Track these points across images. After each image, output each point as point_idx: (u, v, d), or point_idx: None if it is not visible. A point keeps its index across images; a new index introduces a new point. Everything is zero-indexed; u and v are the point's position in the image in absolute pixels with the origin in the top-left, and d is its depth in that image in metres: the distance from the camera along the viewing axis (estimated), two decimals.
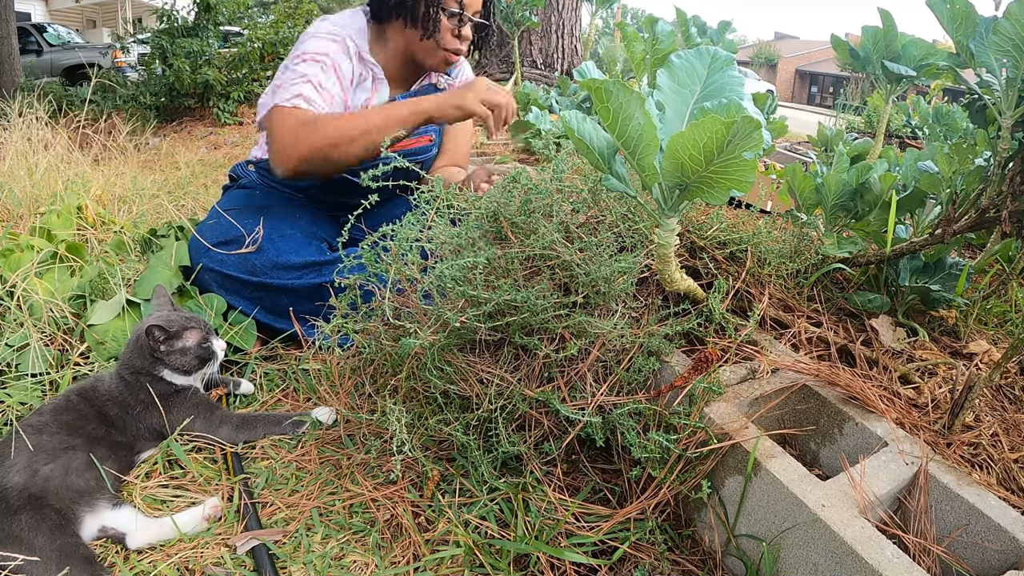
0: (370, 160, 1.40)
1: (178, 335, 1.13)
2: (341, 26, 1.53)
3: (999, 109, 1.15)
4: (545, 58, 5.23)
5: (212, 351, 1.16)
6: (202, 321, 1.18)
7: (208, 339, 1.16)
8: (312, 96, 1.40)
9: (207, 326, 1.18)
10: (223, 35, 6.56)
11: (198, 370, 1.16)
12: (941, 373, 1.17)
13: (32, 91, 4.21)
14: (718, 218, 1.38)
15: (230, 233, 1.46)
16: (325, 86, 1.43)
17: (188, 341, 1.13)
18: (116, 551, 0.95)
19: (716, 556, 0.97)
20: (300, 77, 1.42)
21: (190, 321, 1.16)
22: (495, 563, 0.94)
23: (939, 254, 1.33)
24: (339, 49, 1.48)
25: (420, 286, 1.06)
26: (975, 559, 0.87)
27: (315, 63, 1.44)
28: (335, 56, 1.46)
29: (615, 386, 1.05)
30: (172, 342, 1.12)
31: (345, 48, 1.49)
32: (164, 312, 1.17)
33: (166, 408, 1.12)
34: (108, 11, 17.99)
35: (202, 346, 1.14)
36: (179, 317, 1.15)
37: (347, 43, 1.50)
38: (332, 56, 1.46)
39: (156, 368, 1.13)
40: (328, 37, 1.48)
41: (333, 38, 1.48)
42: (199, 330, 1.15)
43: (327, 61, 1.45)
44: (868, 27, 2.05)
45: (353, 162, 1.40)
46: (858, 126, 5.54)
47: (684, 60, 0.98)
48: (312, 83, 1.41)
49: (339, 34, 1.50)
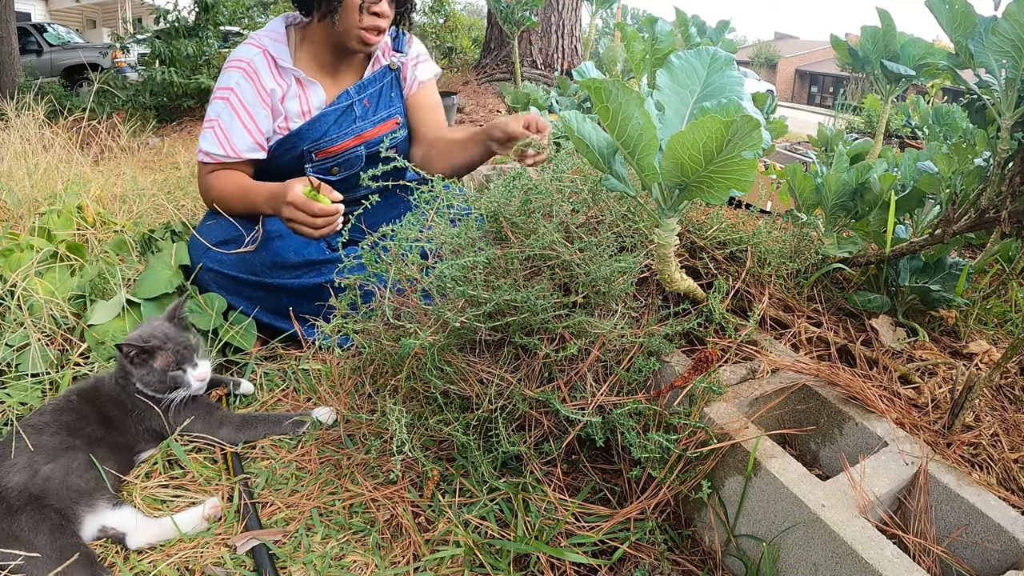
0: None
1: (151, 354, 1.09)
2: (258, 39, 1.53)
3: (998, 109, 1.15)
4: (545, 58, 5.23)
5: (181, 380, 1.11)
6: (186, 345, 1.12)
7: (182, 367, 1.11)
8: (211, 149, 1.49)
9: (190, 350, 1.12)
10: (223, 35, 6.56)
11: (165, 393, 1.11)
12: (941, 373, 1.17)
13: (32, 91, 4.20)
14: (718, 218, 1.38)
15: (230, 233, 1.46)
16: (228, 130, 1.49)
17: (156, 363, 1.09)
18: (116, 551, 0.95)
19: (716, 556, 0.97)
20: (208, 122, 1.50)
21: (169, 342, 1.11)
22: (495, 563, 0.94)
23: (939, 254, 1.33)
24: (244, 75, 1.49)
25: (420, 286, 1.06)
26: (975, 559, 0.87)
27: (221, 100, 1.49)
28: (240, 87, 1.48)
29: (615, 386, 1.05)
30: (144, 360, 1.09)
31: (252, 70, 1.49)
32: (151, 327, 1.13)
33: (163, 410, 1.11)
34: (108, 11, 17.99)
35: (168, 372, 1.10)
36: (161, 335, 1.11)
37: (257, 62, 1.49)
38: (236, 89, 1.48)
39: (133, 381, 1.10)
40: (234, 65, 1.50)
41: (239, 64, 1.49)
42: (169, 354, 1.10)
43: (232, 97, 1.48)
44: (868, 27, 2.05)
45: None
46: (858, 126, 5.55)
47: (684, 60, 0.98)
48: (215, 131, 1.49)
49: (245, 57, 1.50)
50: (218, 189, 1.50)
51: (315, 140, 1.56)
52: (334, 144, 1.59)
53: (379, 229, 1.11)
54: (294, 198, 1.29)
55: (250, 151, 1.51)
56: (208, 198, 1.54)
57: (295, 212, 1.29)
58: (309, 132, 1.55)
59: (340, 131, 1.59)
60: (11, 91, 5.35)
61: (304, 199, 1.28)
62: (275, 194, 1.37)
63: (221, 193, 1.50)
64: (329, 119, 1.57)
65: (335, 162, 1.61)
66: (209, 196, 1.53)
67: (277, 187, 1.37)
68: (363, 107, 1.62)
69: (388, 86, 1.66)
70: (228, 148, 1.48)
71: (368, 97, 1.63)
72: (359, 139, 1.61)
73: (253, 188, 1.46)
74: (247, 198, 1.46)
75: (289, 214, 1.30)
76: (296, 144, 1.56)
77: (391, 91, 1.68)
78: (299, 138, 1.55)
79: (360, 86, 1.61)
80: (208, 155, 1.49)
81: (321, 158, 1.59)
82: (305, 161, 1.58)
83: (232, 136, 1.49)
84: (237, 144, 1.49)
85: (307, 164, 1.59)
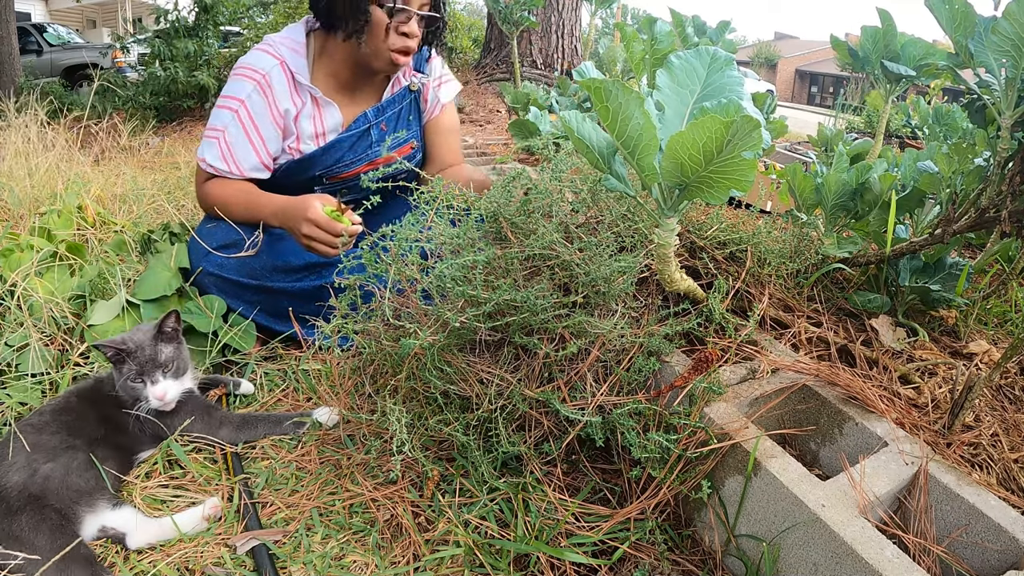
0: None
1: (120, 359, 1.07)
2: (277, 49, 1.44)
3: (998, 109, 1.15)
4: (545, 58, 5.23)
5: (139, 392, 1.07)
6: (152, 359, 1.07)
7: (142, 378, 1.06)
8: (215, 163, 1.44)
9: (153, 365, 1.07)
10: (223, 35, 6.55)
11: (133, 402, 1.07)
12: (941, 373, 1.17)
13: (35, 92, 4.20)
14: (718, 218, 1.38)
15: (230, 237, 1.46)
16: (233, 146, 1.43)
17: (123, 369, 1.07)
18: (116, 551, 0.95)
19: (716, 556, 0.97)
20: (213, 130, 1.44)
21: (137, 352, 1.07)
22: (495, 563, 0.94)
23: (939, 254, 1.33)
24: (258, 89, 1.42)
25: (420, 286, 1.06)
26: (975, 559, 0.87)
27: (229, 112, 1.42)
28: (251, 101, 1.42)
29: (615, 386, 1.05)
30: (118, 364, 1.07)
31: (267, 86, 1.42)
32: (131, 333, 1.11)
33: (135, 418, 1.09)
34: (108, 11, 17.98)
35: (129, 381, 1.07)
36: (133, 344, 1.07)
37: (273, 76, 1.43)
38: (247, 102, 1.41)
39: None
40: (248, 76, 1.42)
41: (252, 75, 1.42)
42: (132, 364, 1.06)
43: (241, 111, 1.42)
44: (868, 27, 2.05)
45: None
46: (858, 126, 5.54)
47: (683, 60, 0.98)
48: (220, 144, 1.43)
49: (261, 69, 1.42)
50: (217, 194, 1.46)
51: (329, 166, 1.53)
52: (348, 170, 1.55)
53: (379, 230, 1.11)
54: (316, 217, 1.26)
55: (254, 171, 1.47)
56: (206, 203, 1.49)
57: (316, 231, 1.27)
58: (323, 158, 1.51)
59: (355, 156, 1.54)
60: (11, 91, 5.35)
61: (328, 219, 1.26)
62: (288, 209, 1.33)
63: (220, 197, 1.46)
64: (344, 145, 1.52)
65: (345, 185, 1.58)
66: (207, 201, 1.48)
67: (291, 202, 1.33)
68: (379, 131, 1.56)
69: (407, 108, 1.60)
70: (232, 165, 1.44)
71: (386, 120, 1.57)
72: (372, 165, 1.56)
73: (260, 200, 1.42)
74: (251, 208, 1.43)
75: (309, 231, 1.28)
76: (308, 169, 1.52)
77: (409, 114, 1.61)
78: (312, 163, 1.51)
79: (379, 109, 1.55)
80: (210, 166, 1.45)
81: (332, 182, 1.56)
82: (315, 184, 1.55)
83: (237, 153, 1.44)
84: (242, 162, 1.45)
85: (316, 187, 1.56)
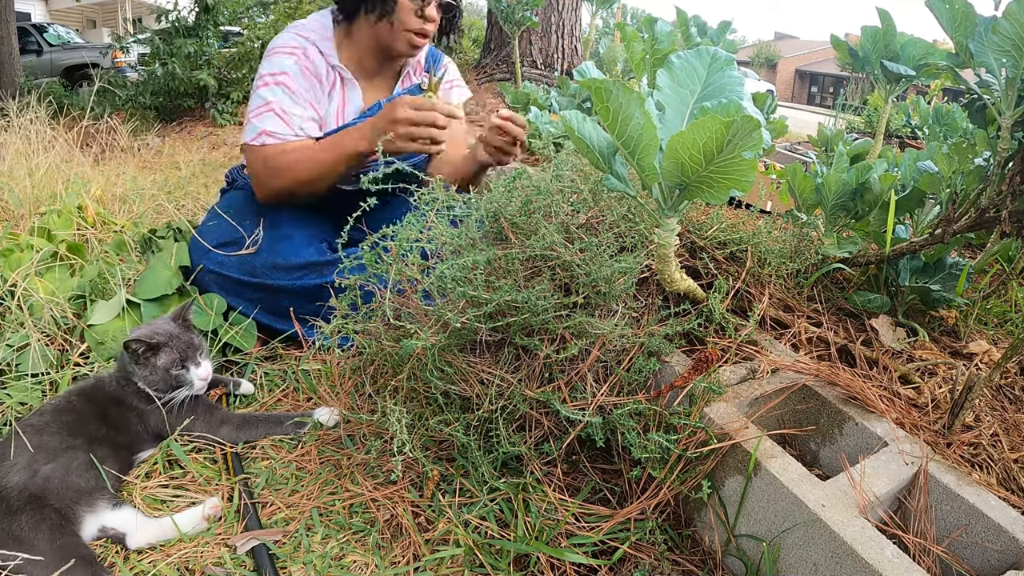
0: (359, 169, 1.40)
1: (156, 351, 1.10)
2: (307, 32, 1.50)
3: (999, 109, 1.15)
4: (545, 58, 5.23)
5: (184, 379, 1.11)
6: (190, 344, 1.13)
7: (186, 365, 1.11)
8: (276, 128, 1.41)
9: (193, 350, 1.13)
10: (223, 35, 6.55)
11: (167, 392, 1.11)
12: (941, 373, 1.17)
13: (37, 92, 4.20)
14: (718, 218, 1.38)
15: (230, 235, 1.46)
16: (289, 110, 1.43)
17: (160, 361, 1.10)
18: (116, 551, 0.95)
19: (716, 556, 0.97)
20: (263, 105, 1.42)
21: (173, 340, 1.11)
22: (495, 563, 0.94)
23: (939, 254, 1.33)
24: (298, 61, 1.45)
25: (420, 286, 1.06)
26: (975, 559, 0.87)
27: (277, 85, 1.43)
28: (294, 73, 1.44)
29: (615, 386, 1.05)
30: (148, 358, 1.09)
31: (306, 59, 1.46)
32: (155, 325, 1.14)
33: (166, 409, 1.11)
34: (108, 11, 17.98)
35: (171, 371, 1.10)
36: (165, 333, 1.11)
37: (309, 52, 1.47)
38: (292, 74, 1.44)
39: (135, 379, 1.10)
40: (286, 51, 1.45)
41: (292, 51, 1.45)
42: (173, 352, 1.10)
43: (287, 82, 1.43)
44: (868, 27, 2.05)
45: (322, 194, 1.44)
46: (858, 126, 5.55)
47: (684, 60, 0.98)
48: (275, 111, 1.42)
49: (298, 45, 1.46)
50: (281, 165, 1.42)
51: None
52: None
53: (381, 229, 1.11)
54: (417, 102, 1.27)
55: (311, 124, 1.47)
56: (270, 184, 1.44)
57: (421, 114, 1.26)
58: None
59: None
60: (11, 91, 5.34)
61: (429, 101, 1.26)
62: (374, 120, 1.33)
63: (285, 166, 1.41)
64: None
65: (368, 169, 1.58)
66: (273, 180, 1.44)
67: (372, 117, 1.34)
68: None
69: None
70: (290, 124, 1.43)
71: None
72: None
73: (331, 140, 1.40)
74: (324, 152, 1.39)
75: (411, 116, 1.26)
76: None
77: None
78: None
79: (391, 99, 1.55)
80: (272, 135, 1.41)
81: None
82: None
83: (292, 113, 1.43)
84: (300, 118, 1.44)
85: None
